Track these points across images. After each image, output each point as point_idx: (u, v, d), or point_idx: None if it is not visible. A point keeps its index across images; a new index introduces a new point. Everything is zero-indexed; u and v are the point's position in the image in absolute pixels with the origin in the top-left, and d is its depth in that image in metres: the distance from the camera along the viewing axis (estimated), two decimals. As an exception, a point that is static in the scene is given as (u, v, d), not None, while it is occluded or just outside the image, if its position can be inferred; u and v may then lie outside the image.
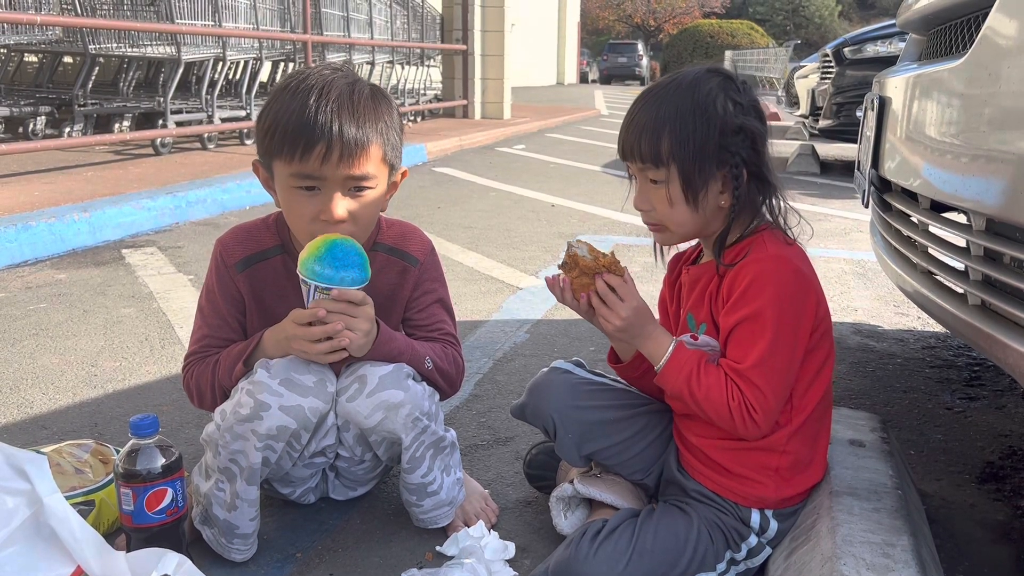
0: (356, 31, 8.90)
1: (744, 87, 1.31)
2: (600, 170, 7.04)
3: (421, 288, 1.56)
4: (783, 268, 1.26)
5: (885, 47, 6.46)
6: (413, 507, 1.50)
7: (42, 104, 6.47)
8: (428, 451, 1.46)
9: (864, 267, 3.67)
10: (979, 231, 1.34)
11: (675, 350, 1.28)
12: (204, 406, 1.50)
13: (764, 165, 1.30)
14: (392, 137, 1.41)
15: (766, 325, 1.23)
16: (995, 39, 1.30)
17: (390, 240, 1.54)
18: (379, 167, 1.39)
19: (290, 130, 1.32)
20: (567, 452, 1.48)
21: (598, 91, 25.08)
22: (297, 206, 1.37)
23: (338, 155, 1.32)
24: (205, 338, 1.49)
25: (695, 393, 1.26)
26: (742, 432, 1.26)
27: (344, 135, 1.31)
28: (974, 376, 2.41)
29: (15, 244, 3.50)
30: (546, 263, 3.66)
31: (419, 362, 1.47)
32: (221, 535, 1.40)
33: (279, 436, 1.36)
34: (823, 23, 51.35)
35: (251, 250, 1.49)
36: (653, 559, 1.27)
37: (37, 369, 2.32)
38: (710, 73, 1.31)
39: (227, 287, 1.49)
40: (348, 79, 1.39)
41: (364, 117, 1.35)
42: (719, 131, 1.26)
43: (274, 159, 1.37)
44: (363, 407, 1.40)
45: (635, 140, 1.30)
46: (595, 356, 2.48)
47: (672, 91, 1.30)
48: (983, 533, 1.58)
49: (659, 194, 1.30)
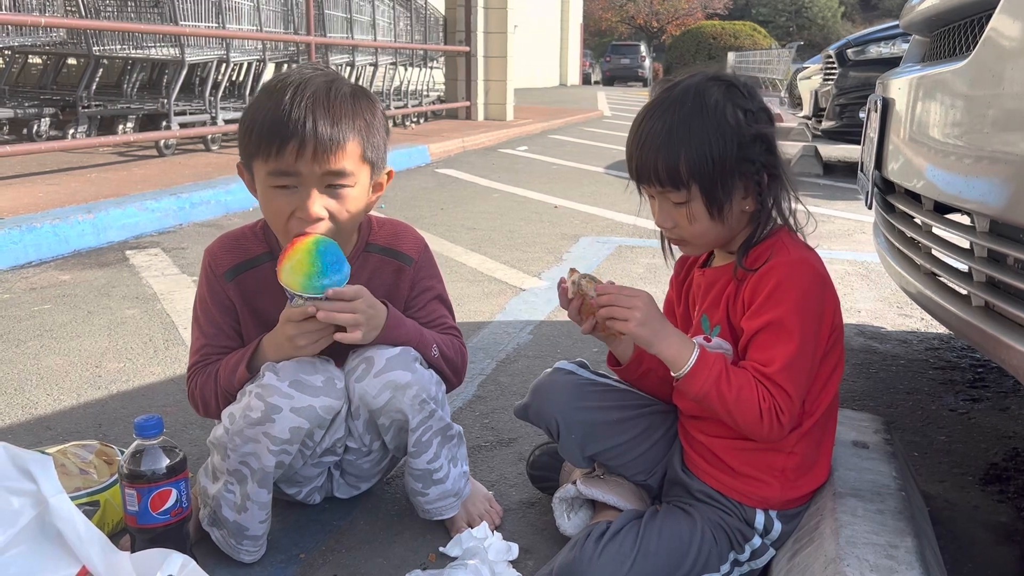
0: (359, 33, 8.91)
1: (748, 90, 1.29)
2: (603, 171, 7.04)
3: (419, 287, 1.56)
4: (807, 272, 1.27)
5: (888, 48, 6.46)
6: (418, 496, 1.50)
7: (46, 106, 6.48)
8: (435, 437, 1.46)
9: (867, 269, 3.67)
10: (983, 232, 1.34)
11: (701, 352, 1.26)
12: (210, 415, 1.50)
13: (781, 166, 1.29)
14: (373, 136, 1.39)
15: (792, 329, 1.23)
16: (999, 40, 1.30)
17: (383, 241, 1.54)
18: (357, 164, 1.37)
19: (266, 128, 1.32)
20: (570, 453, 1.48)
21: (601, 92, 25.08)
22: (274, 204, 1.36)
23: (312, 151, 1.30)
24: (204, 347, 1.49)
25: (725, 395, 1.23)
26: (767, 434, 1.24)
27: (318, 130, 1.30)
28: (978, 378, 2.40)
29: (19, 245, 3.51)
30: (549, 264, 3.66)
31: (426, 348, 1.48)
32: (231, 536, 1.40)
33: (292, 439, 1.36)
34: (826, 24, 51.34)
35: (239, 259, 1.48)
36: (657, 561, 1.27)
37: (41, 370, 2.32)
38: (712, 82, 1.28)
39: (218, 296, 1.48)
40: (327, 77, 1.38)
41: (340, 113, 1.33)
42: (737, 144, 1.24)
43: (254, 160, 1.36)
44: (371, 387, 1.41)
45: (651, 164, 1.26)
46: (598, 357, 2.47)
47: (679, 107, 1.26)
48: (987, 535, 1.58)
49: (681, 213, 1.29)
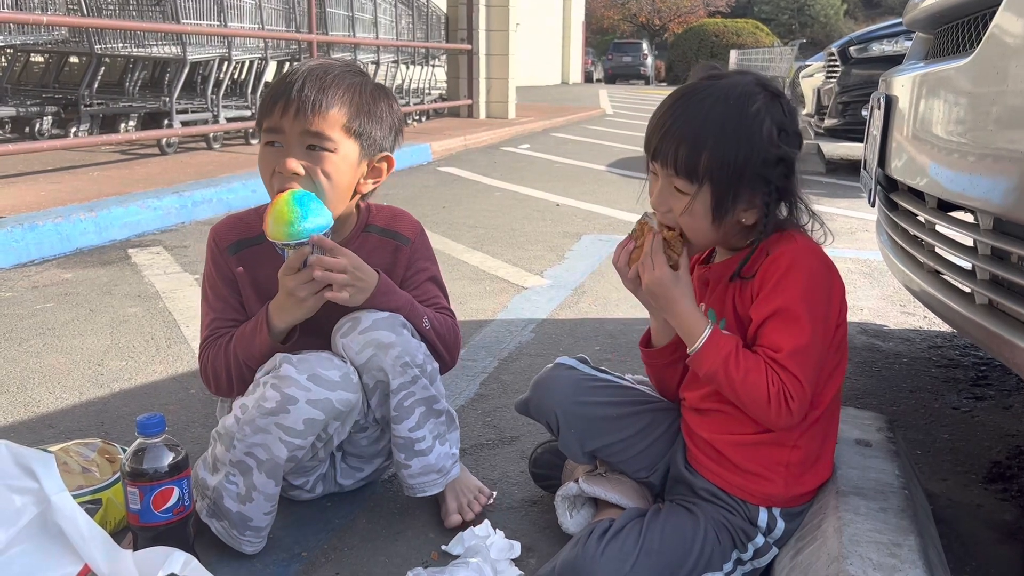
0: (361, 31, 8.91)
1: (790, 110, 1.26)
2: (605, 169, 7.04)
3: (414, 267, 1.61)
4: (815, 258, 1.27)
5: (891, 46, 6.44)
6: (402, 468, 1.51)
7: (48, 104, 6.49)
8: (419, 407, 1.47)
9: (870, 266, 3.66)
10: (986, 230, 1.34)
11: (713, 330, 1.27)
12: (220, 392, 1.53)
13: (795, 187, 1.28)
14: (366, 117, 1.47)
15: (802, 316, 1.22)
16: (1003, 37, 1.30)
17: (381, 222, 1.60)
18: (340, 133, 1.44)
19: (268, 94, 1.46)
20: (570, 448, 1.48)
21: (603, 90, 25.05)
22: (263, 162, 1.46)
23: (295, 110, 1.40)
24: (214, 322, 1.54)
25: (732, 374, 1.23)
26: (775, 419, 1.23)
27: (304, 93, 1.41)
28: (981, 376, 2.40)
29: (21, 244, 3.51)
30: (551, 263, 3.65)
31: (418, 319, 1.51)
32: (232, 527, 1.41)
33: (307, 431, 1.37)
34: (828, 22, 51.25)
35: (242, 235, 1.55)
36: (660, 559, 1.27)
37: (44, 368, 2.33)
38: (760, 88, 1.25)
39: (222, 270, 1.55)
40: (338, 63, 1.49)
41: (330, 84, 1.43)
42: (761, 159, 1.23)
43: (260, 125, 1.48)
44: (354, 343, 1.44)
45: (672, 148, 1.25)
46: (600, 355, 2.48)
47: (719, 103, 1.24)
48: (990, 533, 1.58)
49: (681, 202, 1.28)
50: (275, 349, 1.45)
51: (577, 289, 3.24)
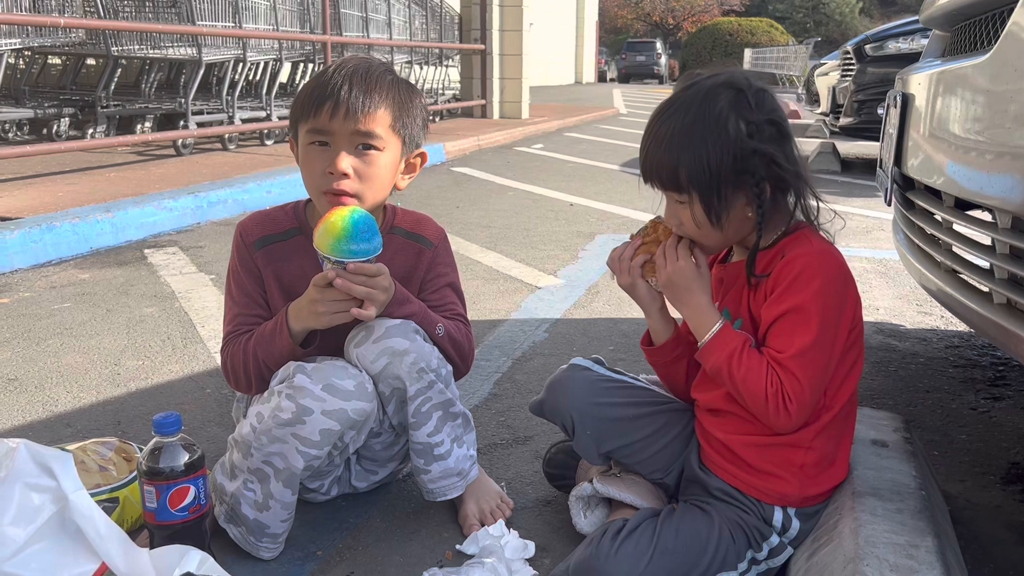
0: (375, 31, 8.93)
1: (758, 99, 1.27)
2: (619, 169, 7.02)
3: (434, 271, 1.62)
4: (830, 262, 1.27)
5: (907, 44, 6.39)
6: (421, 474, 1.51)
7: (66, 106, 6.54)
8: (436, 411, 1.47)
9: (886, 266, 3.64)
10: (1005, 229, 1.33)
11: (723, 325, 1.29)
12: (241, 388, 1.54)
13: (789, 174, 1.27)
14: (406, 114, 1.50)
15: (810, 318, 1.22)
16: (1021, 35, 1.28)
17: (406, 225, 1.62)
18: (387, 132, 1.47)
19: (308, 94, 1.46)
20: (586, 449, 1.47)
21: (616, 90, 25.02)
22: (309, 162, 1.47)
23: (345, 111, 1.42)
24: (237, 317, 1.55)
25: (735, 371, 1.25)
26: (773, 421, 1.24)
27: (352, 94, 1.43)
28: (999, 376, 2.38)
29: (40, 244, 3.54)
30: (565, 262, 3.65)
31: (431, 326, 1.52)
32: (250, 534, 1.41)
33: (323, 442, 1.38)
34: (843, 20, 50.93)
35: (269, 231, 1.57)
36: (675, 558, 1.27)
37: (61, 368, 2.35)
38: (722, 88, 1.27)
39: (248, 264, 1.56)
40: (373, 62, 1.52)
41: (375, 85, 1.45)
42: (733, 156, 1.24)
43: (298, 124, 1.49)
44: (369, 352, 1.44)
45: (653, 165, 1.30)
46: (614, 355, 2.47)
47: (685, 113, 1.27)
48: (1008, 535, 1.56)
49: (685, 212, 1.31)
50: (296, 352, 1.45)
51: (591, 289, 3.23)
